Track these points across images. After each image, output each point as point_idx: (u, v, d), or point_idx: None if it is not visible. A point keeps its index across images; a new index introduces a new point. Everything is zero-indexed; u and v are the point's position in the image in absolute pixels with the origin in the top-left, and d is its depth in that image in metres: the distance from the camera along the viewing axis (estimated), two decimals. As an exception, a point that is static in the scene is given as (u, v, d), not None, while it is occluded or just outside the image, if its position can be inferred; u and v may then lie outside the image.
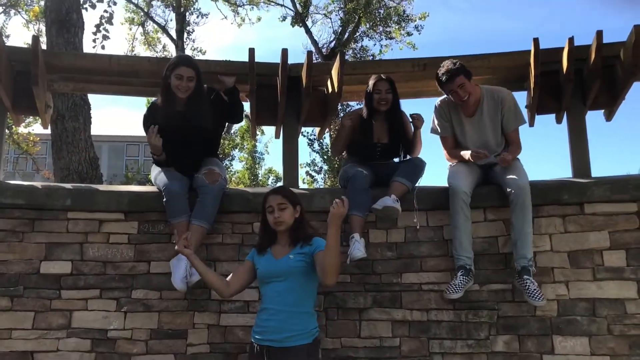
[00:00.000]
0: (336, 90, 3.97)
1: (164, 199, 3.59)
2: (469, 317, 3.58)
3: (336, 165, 14.64)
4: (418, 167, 3.88)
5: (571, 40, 3.86)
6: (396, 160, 4.06)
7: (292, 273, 2.87)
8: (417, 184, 3.83)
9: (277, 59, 4.13)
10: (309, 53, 4.05)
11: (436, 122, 3.93)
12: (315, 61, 4.37)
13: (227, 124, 4.27)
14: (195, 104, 3.69)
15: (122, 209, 3.73)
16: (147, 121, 3.72)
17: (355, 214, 3.63)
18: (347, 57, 13.86)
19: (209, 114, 3.74)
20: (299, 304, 2.85)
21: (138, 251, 3.68)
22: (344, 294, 3.65)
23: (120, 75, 4.21)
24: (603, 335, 3.48)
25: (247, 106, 4.25)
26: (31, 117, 10.64)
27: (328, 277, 2.74)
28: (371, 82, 3.96)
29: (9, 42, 3.97)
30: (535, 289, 3.39)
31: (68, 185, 4.04)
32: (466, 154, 3.74)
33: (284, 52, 3.96)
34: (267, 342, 2.80)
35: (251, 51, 3.97)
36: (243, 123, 16.78)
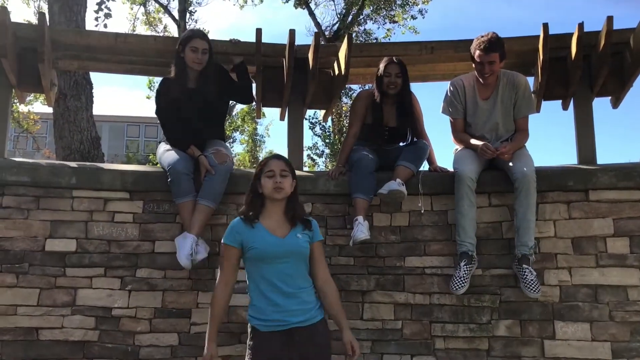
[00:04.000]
0: (343, 73, 3.95)
1: (169, 179, 3.58)
2: (471, 301, 3.60)
3: (337, 149, 14.61)
4: (422, 150, 3.87)
5: (581, 25, 3.82)
6: (402, 144, 4.04)
7: (300, 254, 2.76)
8: (420, 168, 3.83)
9: (278, 41, 4.12)
10: (317, 34, 4.04)
11: (448, 103, 3.88)
12: (321, 43, 4.36)
13: (229, 104, 4.26)
14: (207, 81, 3.69)
15: (127, 188, 3.73)
16: (161, 97, 3.71)
17: (359, 196, 3.64)
18: (350, 40, 13.71)
19: (218, 92, 3.74)
20: (307, 282, 2.79)
21: (143, 230, 3.69)
22: (347, 277, 3.67)
23: (126, 54, 4.19)
24: (604, 321, 3.50)
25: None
26: (33, 95, 10.61)
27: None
28: (382, 65, 3.92)
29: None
30: (532, 280, 3.39)
31: (73, 164, 4.03)
32: (475, 143, 3.72)
33: (292, 32, 3.92)
34: (292, 325, 2.67)
35: (258, 31, 3.94)
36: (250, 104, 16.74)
